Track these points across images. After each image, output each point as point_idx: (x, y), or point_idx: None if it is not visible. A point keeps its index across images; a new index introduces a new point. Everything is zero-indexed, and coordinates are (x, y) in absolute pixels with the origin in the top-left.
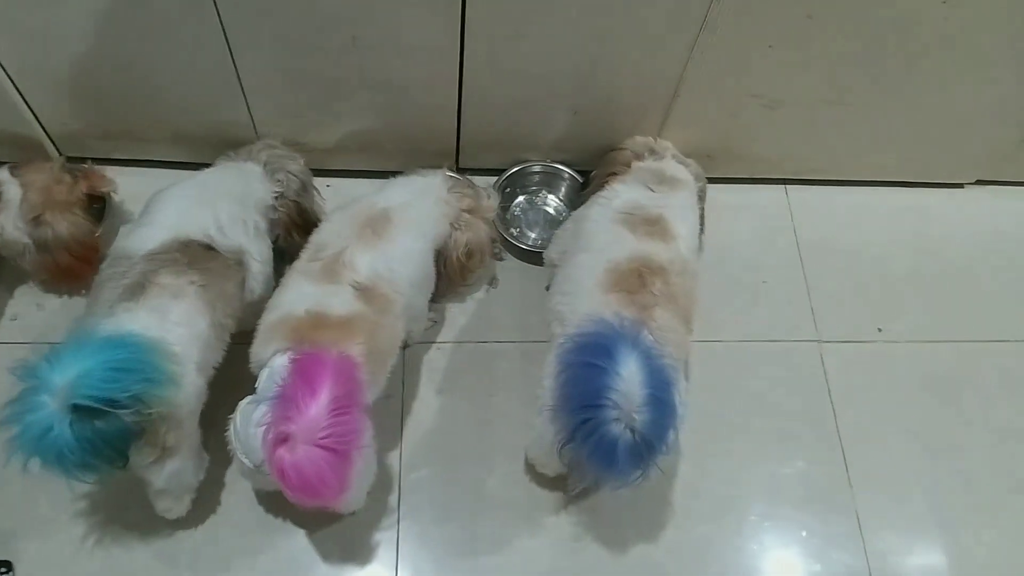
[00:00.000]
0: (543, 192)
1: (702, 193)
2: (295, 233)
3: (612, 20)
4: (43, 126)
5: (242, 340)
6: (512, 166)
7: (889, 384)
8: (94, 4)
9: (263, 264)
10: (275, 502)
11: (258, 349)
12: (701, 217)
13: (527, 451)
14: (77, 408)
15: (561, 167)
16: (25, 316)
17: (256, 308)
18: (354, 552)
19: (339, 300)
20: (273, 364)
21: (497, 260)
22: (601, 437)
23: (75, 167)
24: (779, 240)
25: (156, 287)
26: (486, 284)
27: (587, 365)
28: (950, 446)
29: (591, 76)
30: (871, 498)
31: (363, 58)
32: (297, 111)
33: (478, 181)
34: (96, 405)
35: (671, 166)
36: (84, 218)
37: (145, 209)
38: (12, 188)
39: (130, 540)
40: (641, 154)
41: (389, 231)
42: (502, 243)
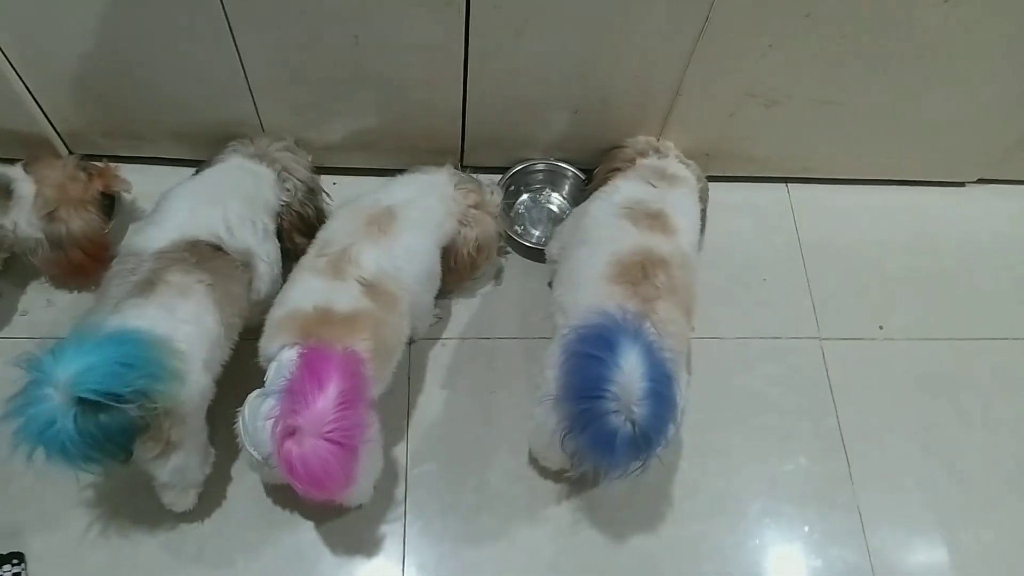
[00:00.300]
0: (547, 190)
1: (703, 194)
2: (297, 236)
3: (615, 20)
4: (52, 123)
5: (249, 336)
6: (516, 164)
7: (890, 381)
8: (102, 2)
9: (270, 265)
10: (282, 495)
11: (266, 343)
12: (702, 217)
13: (529, 442)
14: (81, 402)
15: (564, 165)
16: (34, 312)
17: (263, 307)
18: (361, 545)
19: (345, 296)
20: (281, 358)
21: (502, 256)
22: (599, 428)
23: (88, 164)
24: (780, 238)
25: (164, 285)
26: (492, 280)
27: (588, 356)
28: (950, 443)
29: (593, 75)
30: (872, 495)
31: (368, 56)
32: (303, 108)
33: (482, 179)
34: (99, 399)
35: (673, 165)
36: (98, 215)
37: (156, 207)
38: (25, 185)
39: (137, 532)
40: (645, 152)
41: (394, 228)
42: (506, 240)
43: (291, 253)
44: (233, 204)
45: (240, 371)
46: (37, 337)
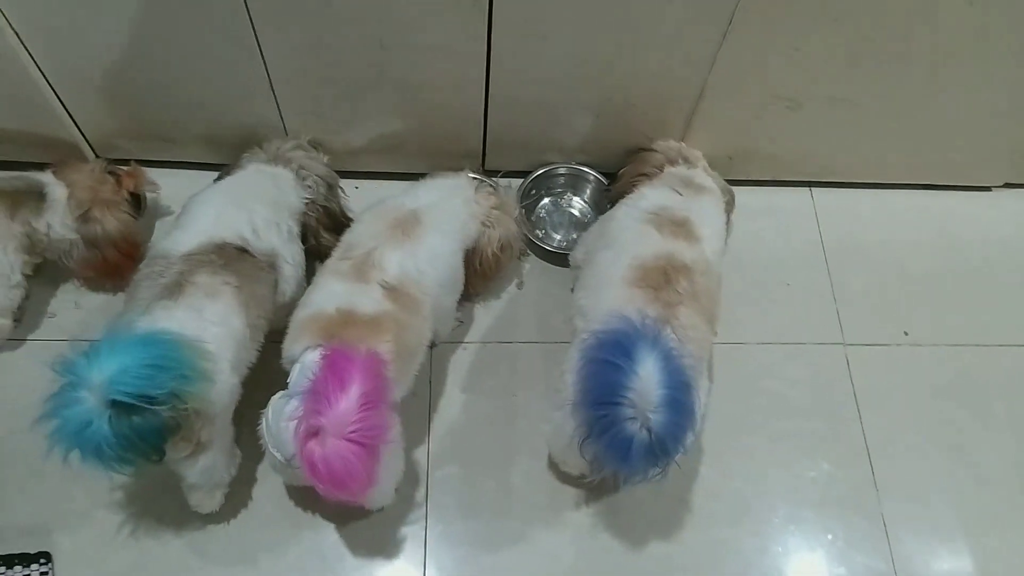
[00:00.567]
0: (568, 194)
1: (729, 206)
2: (325, 233)
3: (638, 23)
4: (79, 128)
5: (274, 338)
6: (537, 168)
7: (915, 387)
8: (129, 9)
9: (295, 267)
10: (305, 497)
11: (289, 345)
12: (726, 225)
13: (549, 447)
14: (115, 404)
15: (586, 169)
16: (63, 314)
17: (288, 309)
18: (382, 547)
19: (368, 299)
20: (304, 360)
21: (523, 259)
22: (616, 434)
23: (114, 168)
24: (803, 242)
25: (192, 286)
26: (515, 282)
27: (605, 362)
28: (976, 450)
29: (616, 78)
30: (897, 501)
31: (392, 59)
32: (326, 113)
33: (503, 183)
34: (133, 401)
35: (700, 175)
36: (130, 214)
37: (183, 211)
38: (57, 189)
39: (163, 532)
40: (675, 160)
41: (418, 232)
42: (527, 244)
43: (317, 253)
44: (258, 207)
45: (264, 373)
46: (65, 339)
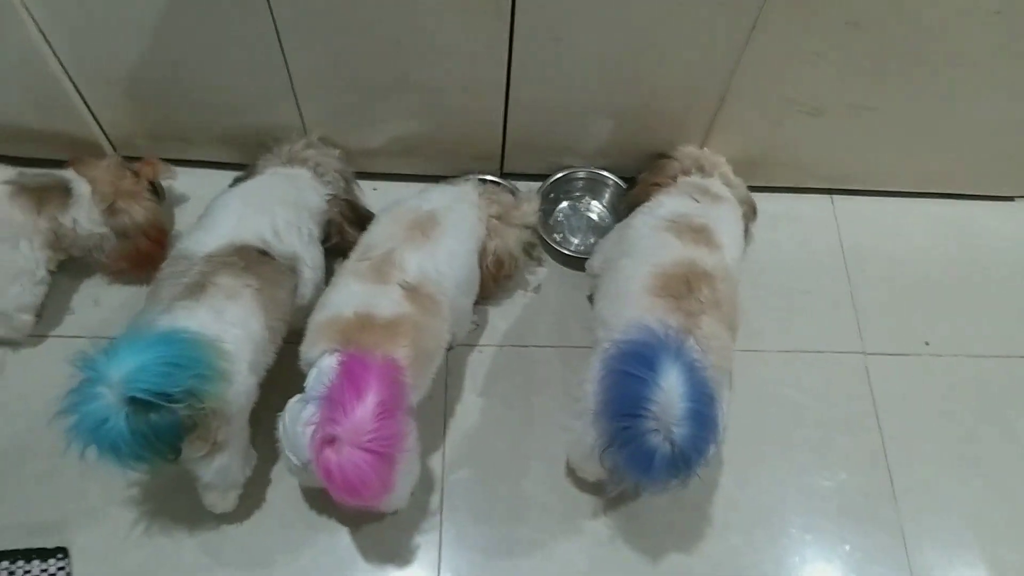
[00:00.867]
0: (586, 198)
1: (748, 217)
2: (349, 227)
3: (660, 28)
4: (101, 126)
5: (290, 340)
6: (556, 172)
7: (935, 398)
8: (153, 10)
9: (314, 270)
10: (320, 500)
11: (307, 348)
12: (746, 234)
13: (567, 454)
14: (132, 401)
15: (605, 174)
16: (82, 311)
17: (306, 310)
18: (397, 550)
19: (387, 301)
20: (321, 364)
21: (537, 265)
22: (638, 446)
23: (129, 163)
24: (823, 250)
25: (214, 287)
26: (530, 288)
27: (628, 374)
28: (997, 462)
29: (637, 83)
30: (916, 513)
31: (413, 62)
32: (346, 114)
33: (521, 186)
34: (150, 399)
35: (715, 184)
36: (154, 201)
37: (205, 212)
38: (80, 184)
39: (178, 532)
40: (688, 169)
41: (437, 232)
42: (544, 248)
43: (342, 250)
44: (279, 210)
45: (280, 375)
46: (85, 336)
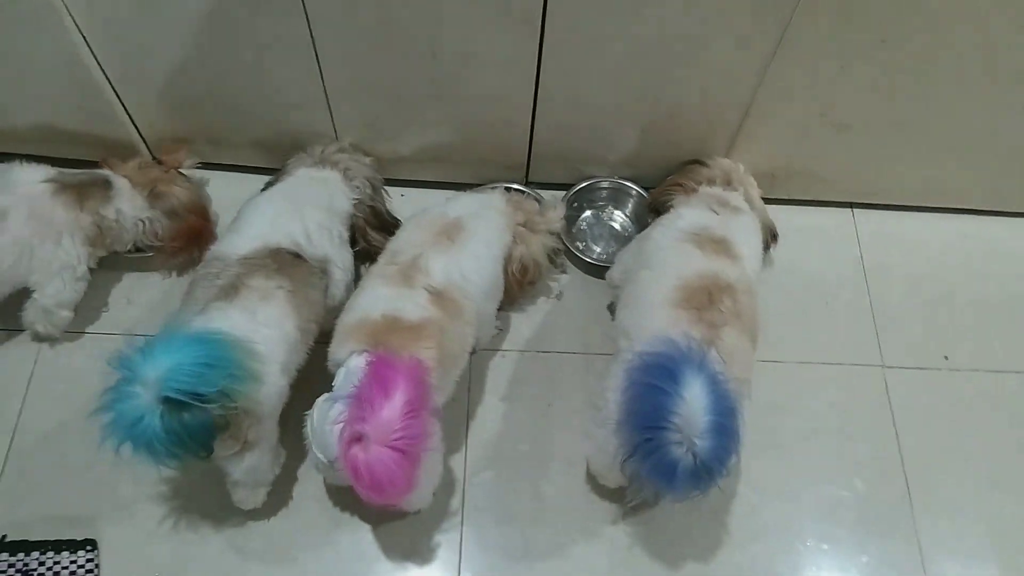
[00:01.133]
0: (609, 207)
1: (767, 236)
2: (373, 232)
3: (689, 40)
4: (138, 129)
5: (319, 340)
6: (580, 181)
7: (954, 412)
8: (192, 16)
9: (345, 272)
10: (344, 497)
11: (335, 349)
12: (765, 247)
13: (588, 461)
14: (167, 400)
15: (629, 184)
16: (115, 309)
17: (336, 312)
18: (419, 550)
19: (413, 304)
20: (349, 364)
21: (561, 273)
22: (661, 458)
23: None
24: (844, 263)
25: (247, 289)
26: (552, 295)
27: (651, 386)
28: (1015, 476)
29: (664, 94)
30: (933, 525)
31: (444, 71)
32: (377, 121)
33: (546, 195)
34: (184, 399)
35: (735, 198)
36: (188, 182)
37: (238, 215)
38: (117, 179)
39: (205, 527)
40: (715, 179)
41: (463, 238)
42: (567, 256)
43: (367, 254)
44: (311, 213)
45: (309, 375)
46: (118, 333)
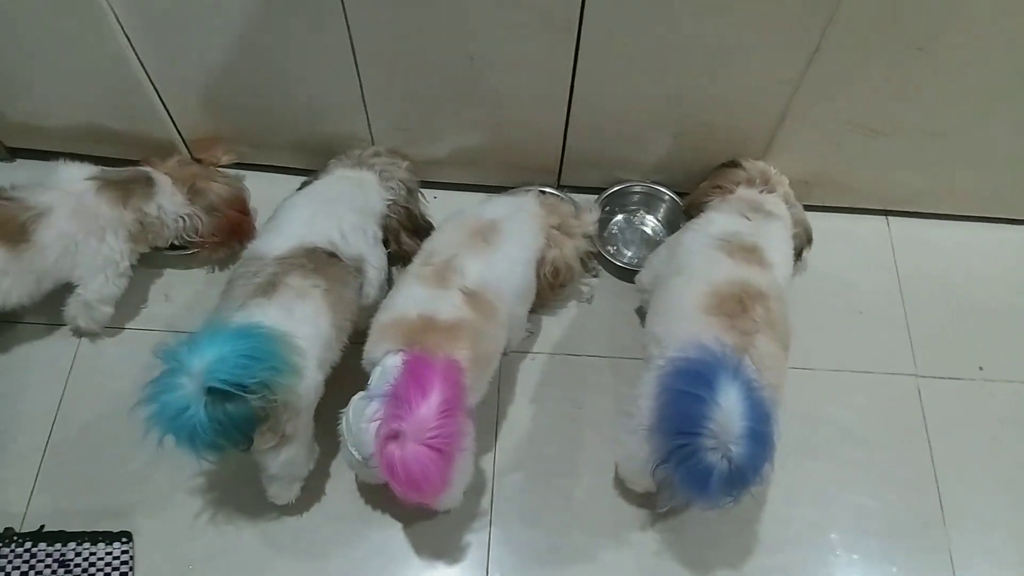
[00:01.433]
0: (641, 212)
1: (802, 241)
2: (406, 236)
3: (725, 47)
4: (178, 130)
5: (353, 339)
6: (613, 185)
7: (988, 423)
8: (234, 19)
9: (379, 271)
10: (376, 495)
11: (371, 348)
12: (798, 254)
13: (618, 466)
14: (211, 391)
15: (662, 189)
16: (153, 304)
17: (370, 310)
18: (447, 549)
19: (448, 305)
20: (385, 363)
21: (592, 276)
22: (695, 464)
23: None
24: (878, 271)
25: (284, 287)
26: (583, 298)
27: (686, 392)
28: None
29: (698, 100)
30: (965, 537)
31: (479, 76)
32: (412, 125)
33: (578, 198)
34: (228, 389)
35: (771, 201)
36: (226, 177)
37: (274, 215)
38: (159, 176)
39: (238, 522)
40: (753, 180)
41: (498, 241)
42: (598, 259)
43: (398, 256)
44: (347, 214)
45: (341, 373)
46: (156, 329)
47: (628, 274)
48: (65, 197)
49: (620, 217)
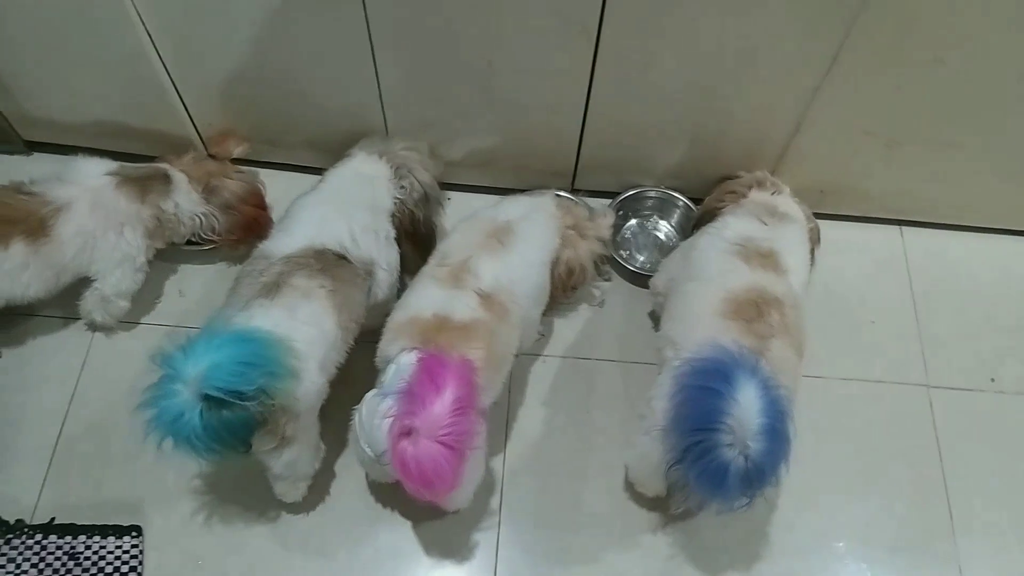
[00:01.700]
0: (655, 217)
1: (813, 235)
2: (406, 241)
3: (743, 55)
4: (196, 127)
5: (361, 339)
6: (627, 190)
7: (999, 435)
8: (254, 17)
9: (389, 272)
10: (384, 494)
11: (385, 345)
12: (811, 257)
13: (628, 469)
14: (207, 398)
15: (676, 194)
16: (167, 300)
17: (378, 309)
18: (456, 549)
19: (463, 305)
20: (400, 361)
21: (605, 280)
22: (712, 460)
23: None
24: (891, 281)
25: (289, 287)
26: (596, 302)
27: (704, 388)
28: None
29: (715, 107)
30: (974, 549)
31: (499, 80)
32: (429, 126)
33: (592, 203)
34: (224, 396)
35: (784, 201)
36: (242, 173)
37: (286, 214)
38: (176, 173)
39: (248, 518)
40: (763, 181)
41: (513, 242)
42: (611, 264)
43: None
44: (358, 215)
45: (350, 371)
46: (166, 324)
47: (640, 279)
48: (84, 192)
49: (634, 222)
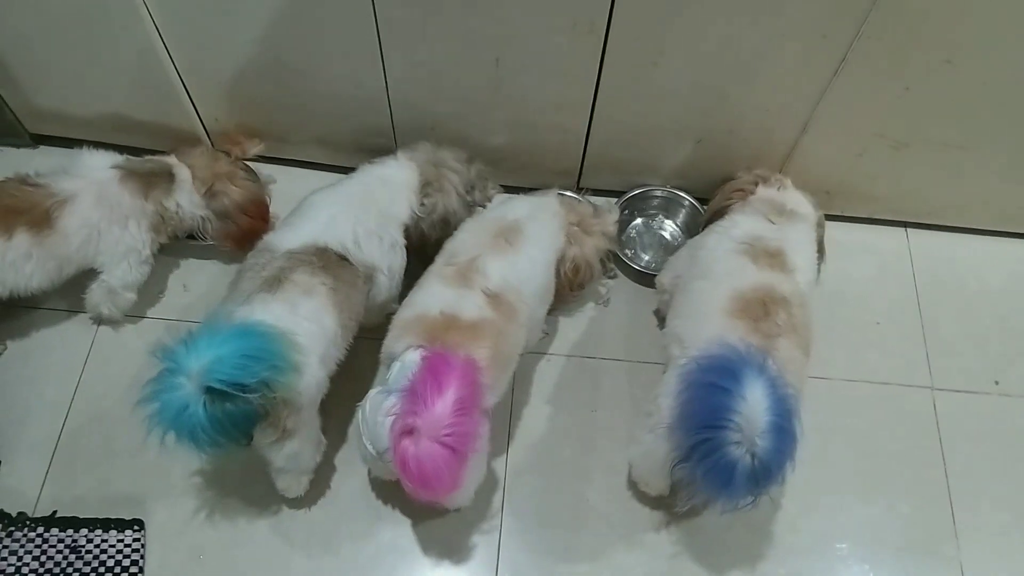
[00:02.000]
0: (660, 216)
1: (819, 222)
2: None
3: (750, 56)
4: (203, 122)
5: (371, 335)
6: (633, 189)
7: (1003, 438)
8: (263, 13)
9: (390, 278)
10: (387, 491)
11: (391, 343)
12: (820, 246)
13: (632, 468)
14: (210, 391)
15: (682, 194)
16: (171, 293)
17: (378, 309)
18: (458, 547)
19: (470, 304)
20: (405, 359)
21: (610, 278)
22: (719, 458)
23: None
24: (896, 282)
25: (290, 283)
26: (600, 301)
27: (712, 386)
28: None
29: (722, 107)
30: (977, 551)
31: (507, 78)
32: (437, 123)
33: (597, 201)
34: (227, 389)
35: (792, 199)
36: (249, 179)
37: (297, 207)
38: (182, 170)
39: (250, 514)
40: (768, 178)
41: (520, 242)
42: (616, 263)
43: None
44: (365, 219)
45: (351, 367)
46: (170, 318)
47: (646, 278)
48: (89, 185)
49: (639, 221)
